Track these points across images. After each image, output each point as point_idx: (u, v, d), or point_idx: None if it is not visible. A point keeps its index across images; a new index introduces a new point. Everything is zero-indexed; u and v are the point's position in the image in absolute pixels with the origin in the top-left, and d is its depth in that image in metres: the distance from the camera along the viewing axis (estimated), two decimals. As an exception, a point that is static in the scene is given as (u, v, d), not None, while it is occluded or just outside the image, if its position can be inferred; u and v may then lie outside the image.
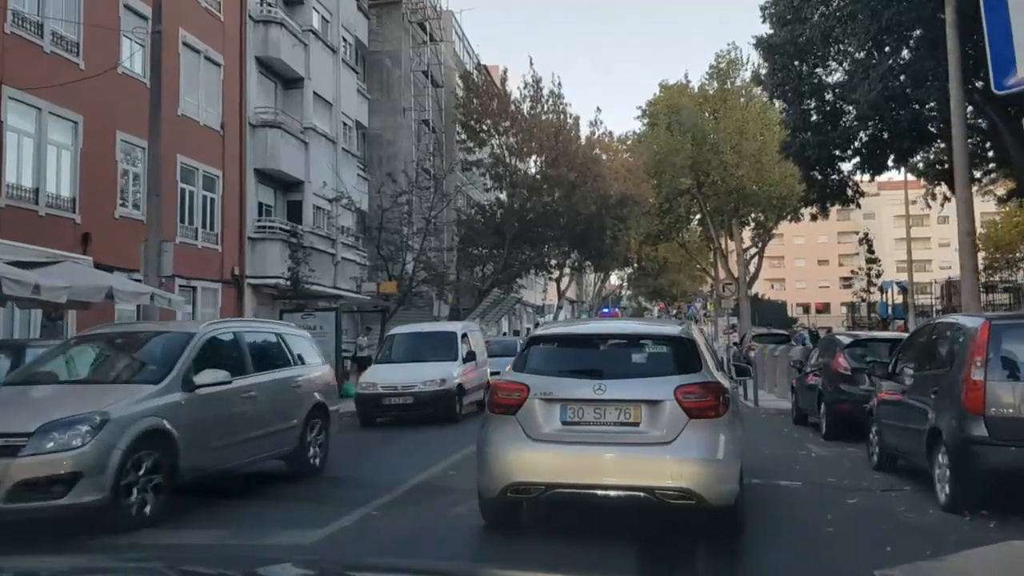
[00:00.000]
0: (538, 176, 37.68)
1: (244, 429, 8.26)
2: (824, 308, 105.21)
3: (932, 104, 19.33)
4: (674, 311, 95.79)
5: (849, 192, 22.90)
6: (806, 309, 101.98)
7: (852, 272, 32.41)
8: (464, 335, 16.92)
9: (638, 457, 6.03)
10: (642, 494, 5.98)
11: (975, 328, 6.90)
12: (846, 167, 22.83)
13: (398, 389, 15.03)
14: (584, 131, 39.45)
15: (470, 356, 16.44)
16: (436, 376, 15.16)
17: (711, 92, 46.19)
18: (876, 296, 41.65)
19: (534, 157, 37.77)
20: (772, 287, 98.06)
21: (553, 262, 42.81)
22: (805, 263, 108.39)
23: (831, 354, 12.23)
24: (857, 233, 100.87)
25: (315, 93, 27.58)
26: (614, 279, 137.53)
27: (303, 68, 26.79)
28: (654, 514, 6.18)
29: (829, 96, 22.12)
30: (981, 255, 52.06)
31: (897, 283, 45.60)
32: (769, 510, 7.41)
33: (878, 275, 31.24)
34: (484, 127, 37.87)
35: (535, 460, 6.13)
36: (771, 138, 44.90)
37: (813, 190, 23.03)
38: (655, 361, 6.54)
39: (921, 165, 27.73)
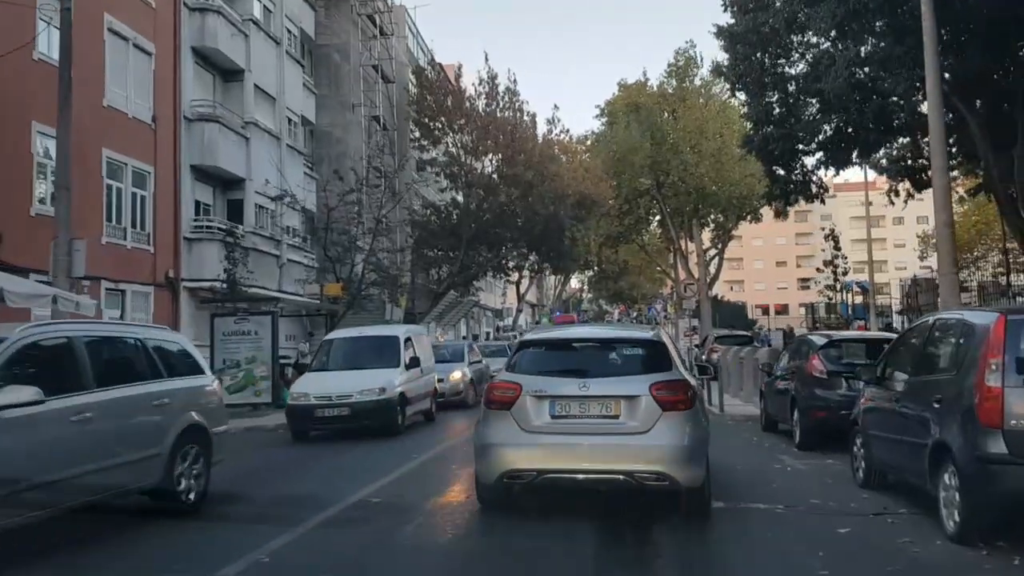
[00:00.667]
0: (494, 175, 36.55)
1: (72, 461, 6.39)
2: (783, 310, 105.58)
3: (899, 94, 18.67)
4: (634, 313, 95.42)
5: (813, 188, 22.13)
6: (765, 311, 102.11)
7: (818, 269, 31.55)
8: (408, 339, 15.57)
9: (619, 445, 6.76)
10: (622, 477, 6.72)
11: (987, 325, 5.87)
12: (809, 162, 22.09)
13: (332, 399, 13.62)
14: (541, 129, 38.35)
15: (414, 362, 14.99)
16: (375, 385, 13.80)
17: (670, 91, 45.50)
18: (840, 295, 41.10)
19: (490, 156, 36.66)
20: (731, 289, 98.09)
21: (511, 264, 41.66)
22: (763, 265, 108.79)
23: (804, 356, 11.17)
24: (823, 230, 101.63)
25: (256, 86, 26.15)
26: (575, 282, 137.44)
27: (243, 59, 25.37)
28: (630, 500, 7.05)
29: (792, 88, 21.34)
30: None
31: (857, 283, 45.23)
32: (746, 544, 6.37)
33: (844, 272, 30.38)
34: (438, 125, 36.68)
35: (528, 449, 6.85)
36: (731, 137, 44.42)
37: (776, 186, 22.25)
38: (631, 362, 7.40)
39: (884, 162, 27.12)
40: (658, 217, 57.90)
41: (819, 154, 22.15)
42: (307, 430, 13.84)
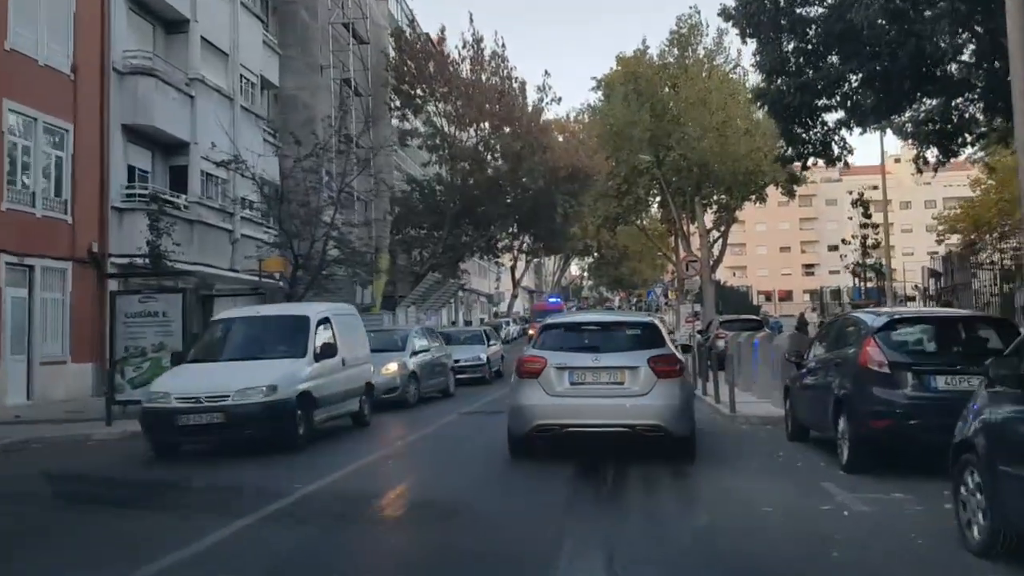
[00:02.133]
0: (480, 146, 33.60)
1: None
2: (786, 296, 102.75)
3: (944, 35, 15.76)
4: (635, 299, 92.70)
5: (835, 149, 19.12)
6: (768, 297, 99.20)
7: (844, 241, 28.32)
8: (324, 321, 12.06)
9: (624, 404, 8.65)
10: (626, 429, 8.75)
11: None
12: (830, 119, 19.08)
13: (201, 401, 10.00)
14: (531, 98, 35.31)
15: (327, 351, 11.57)
16: (261, 381, 10.22)
17: (671, 60, 42.33)
18: (863, 274, 37.98)
19: (475, 126, 33.68)
20: (734, 275, 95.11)
21: (501, 244, 38.71)
22: (767, 250, 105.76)
23: (853, 342, 8.15)
24: (854, 204, 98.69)
25: (204, 39, 23.21)
26: (575, 268, 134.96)
27: (188, 8, 22.44)
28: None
29: (812, 32, 18.33)
30: (956, 238, 49.28)
31: (871, 264, 42.21)
32: None
33: (875, 245, 27.02)
34: (419, 92, 33.74)
35: (553, 408, 8.72)
36: (736, 109, 41.42)
37: (792, 146, 19.23)
38: (633, 340, 9.26)
39: (909, 126, 24.12)
40: (658, 198, 55.19)
41: (840, 113, 19.24)
42: (172, 443, 10.34)
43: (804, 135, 18.85)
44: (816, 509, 6.46)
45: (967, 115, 21.21)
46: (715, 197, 49.01)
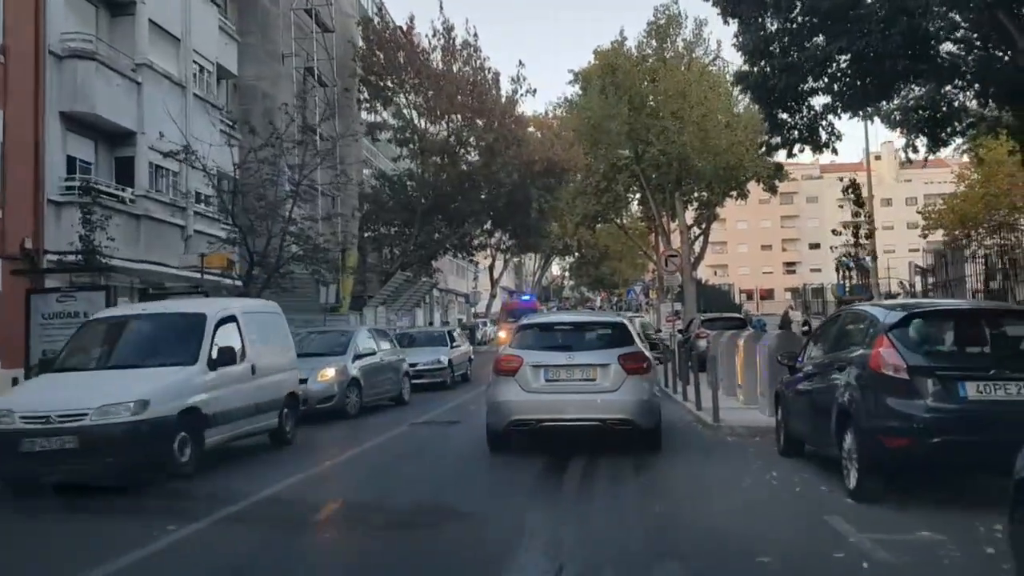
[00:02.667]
0: (451, 139, 32.28)
1: None
2: (768, 295, 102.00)
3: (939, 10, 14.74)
4: (615, 299, 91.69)
5: (822, 135, 17.97)
6: (749, 296, 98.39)
7: (834, 232, 26.82)
8: (226, 320, 10.10)
9: (595, 400, 9.16)
10: (597, 422, 9.27)
11: None
12: (818, 103, 17.95)
13: (52, 421, 8.03)
14: (506, 90, 33.99)
15: (225, 357, 9.53)
16: (129, 396, 8.31)
17: (650, 51, 41.21)
18: (858, 265, 36.89)
19: (447, 118, 32.36)
20: (715, 273, 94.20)
21: (476, 242, 37.38)
22: (748, 248, 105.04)
23: (861, 340, 6.80)
24: (847, 192, 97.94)
25: (153, 22, 21.76)
26: (556, 268, 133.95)
27: (134, -12, 20.97)
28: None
29: (797, 10, 17.18)
30: (940, 233, 48.45)
31: (855, 259, 41.25)
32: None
33: (868, 235, 25.73)
34: (389, 84, 32.39)
35: (529, 404, 9.21)
36: (716, 102, 40.39)
37: (776, 133, 18.07)
38: (604, 339, 9.88)
39: (897, 115, 23.08)
40: (638, 195, 54.09)
41: (827, 97, 18.11)
42: (18, 474, 8.39)
43: (789, 120, 17.71)
44: (827, 557, 5.07)
45: (956, 103, 20.21)
46: (696, 194, 48.02)
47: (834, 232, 22.51)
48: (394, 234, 33.91)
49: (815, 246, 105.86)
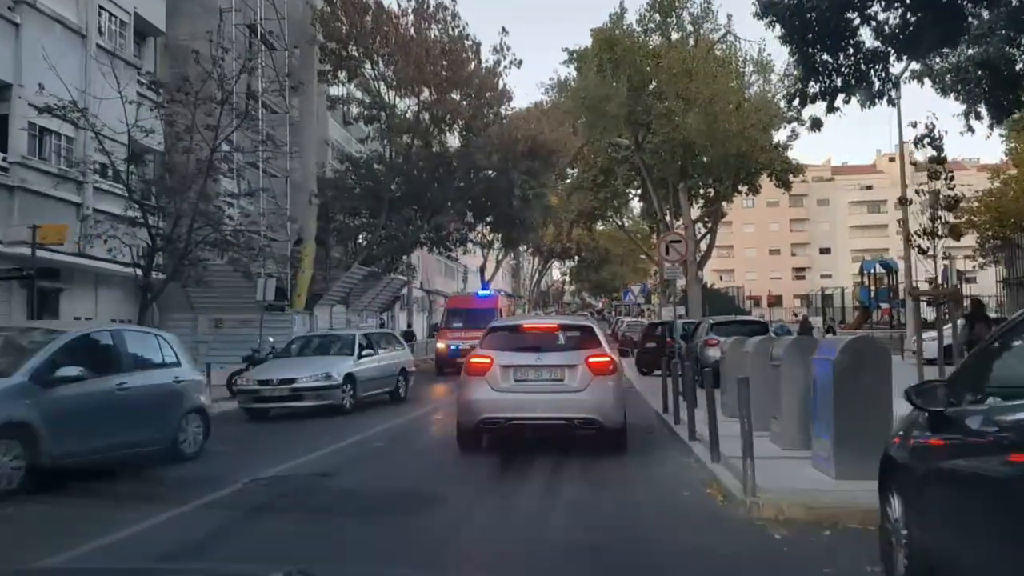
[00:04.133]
0: (423, 115, 28.18)
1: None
2: (776, 301, 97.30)
3: None
4: (615, 304, 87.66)
5: (875, 82, 13.79)
6: (756, 302, 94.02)
7: (902, 200, 21.50)
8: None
9: (563, 399, 9.34)
10: (564, 422, 9.41)
11: None
12: (868, 42, 13.80)
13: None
14: (487, 63, 29.76)
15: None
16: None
17: (652, 26, 37.00)
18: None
19: (416, 90, 28.24)
20: (720, 278, 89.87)
21: (456, 236, 33.21)
22: (755, 253, 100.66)
23: None
24: (921, 144, 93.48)
25: (38, -49, 17.68)
26: (556, 273, 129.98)
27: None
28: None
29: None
30: (973, 236, 44.19)
31: (880, 262, 37.06)
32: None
33: (954, 203, 19.49)
34: (354, 53, 28.30)
35: (498, 403, 9.36)
36: (726, 80, 36.21)
37: (813, 79, 13.88)
38: (572, 341, 10.02)
39: (949, 78, 18.90)
40: (639, 191, 49.91)
41: (877, 42, 13.98)
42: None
43: (831, 61, 13.54)
44: None
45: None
46: (701, 190, 43.86)
47: (901, 202, 17.90)
48: (360, 225, 29.79)
49: (826, 251, 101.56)
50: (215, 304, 22.90)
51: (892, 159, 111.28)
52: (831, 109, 13.67)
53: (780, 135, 40.11)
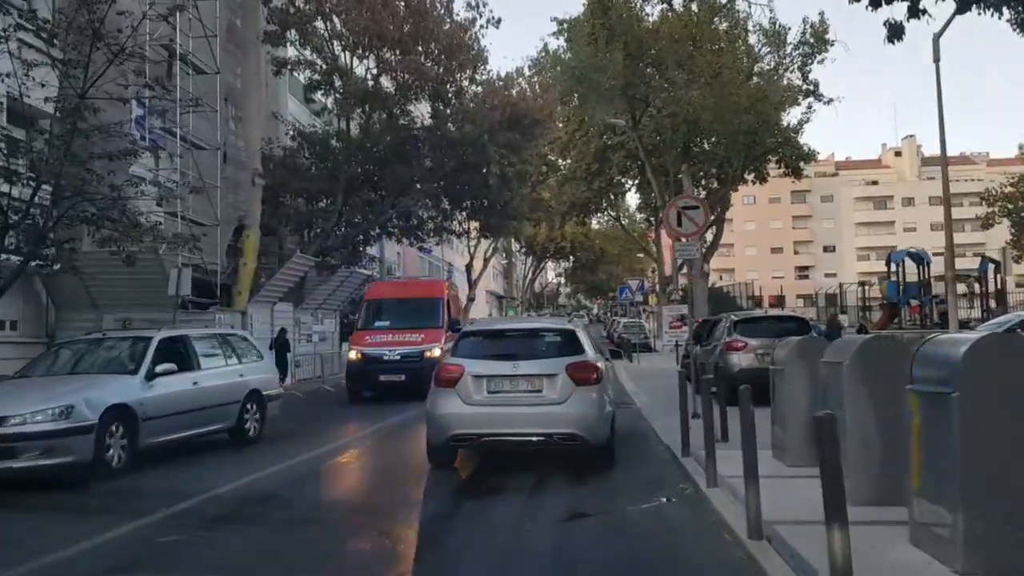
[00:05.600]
0: (382, 78, 24.06)
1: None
2: (778, 301, 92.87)
3: None
4: (611, 305, 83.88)
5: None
6: (758, 302, 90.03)
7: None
8: None
9: (541, 413, 8.42)
10: (543, 438, 8.43)
11: None
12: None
13: None
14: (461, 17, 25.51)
15: None
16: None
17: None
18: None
19: (375, 51, 24.09)
20: (720, 278, 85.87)
21: (428, 225, 29.02)
22: (756, 251, 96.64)
23: None
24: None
25: None
26: (551, 275, 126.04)
27: None
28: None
29: None
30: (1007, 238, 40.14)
31: (909, 252, 32.93)
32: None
33: None
34: (303, 8, 24.20)
35: (470, 418, 8.49)
36: (733, 49, 32.24)
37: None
38: (551, 347, 9.06)
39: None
40: (636, 181, 45.88)
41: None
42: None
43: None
44: None
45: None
46: (704, 178, 39.86)
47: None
48: (316, 210, 25.63)
49: (830, 249, 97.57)
50: (122, 301, 18.77)
51: (898, 153, 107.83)
52: (916, 13, 9.47)
53: (791, 116, 36.34)
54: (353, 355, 18.11)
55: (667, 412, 13.14)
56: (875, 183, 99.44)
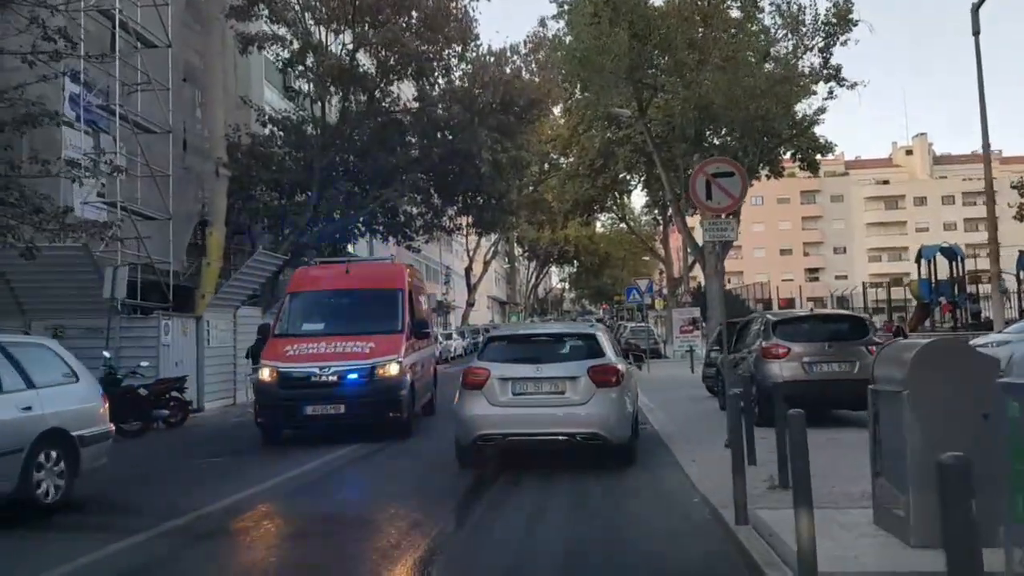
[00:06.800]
0: (359, 53, 21.52)
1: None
2: (788, 304, 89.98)
3: None
4: (616, 309, 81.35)
5: None
6: (767, 305, 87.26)
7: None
8: None
9: (564, 414, 8.74)
10: (566, 437, 8.79)
11: None
12: None
13: None
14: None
15: None
16: None
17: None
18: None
19: (357, 26, 21.55)
20: (728, 281, 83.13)
21: (419, 221, 26.42)
22: (765, 253, 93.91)
23: None
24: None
25: None
26: (555, 279, 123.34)
27: None
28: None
29: None
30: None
31: (942, 248, 30.22)
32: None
33: None
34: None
35: (496, 419, 8.81)
36: (749, 29, 29.58)
37: None
38: (574, 350, 9.43)
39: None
40: (643, 178, 43.28)
41: None
42: None
43: None
44: None
45: None
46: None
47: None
48: (290, 205, 23.09)
49: (840, 250, 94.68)
50: (53, 306, 16.20)
51: (909, 152, 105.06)
52: None
53: (809, 105, 33.65)
54: (265, 374, 12.18)
55: (693, 436, 10.56)
56: (886, 182, 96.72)
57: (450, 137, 21.60)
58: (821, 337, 10.83)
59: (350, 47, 21.65)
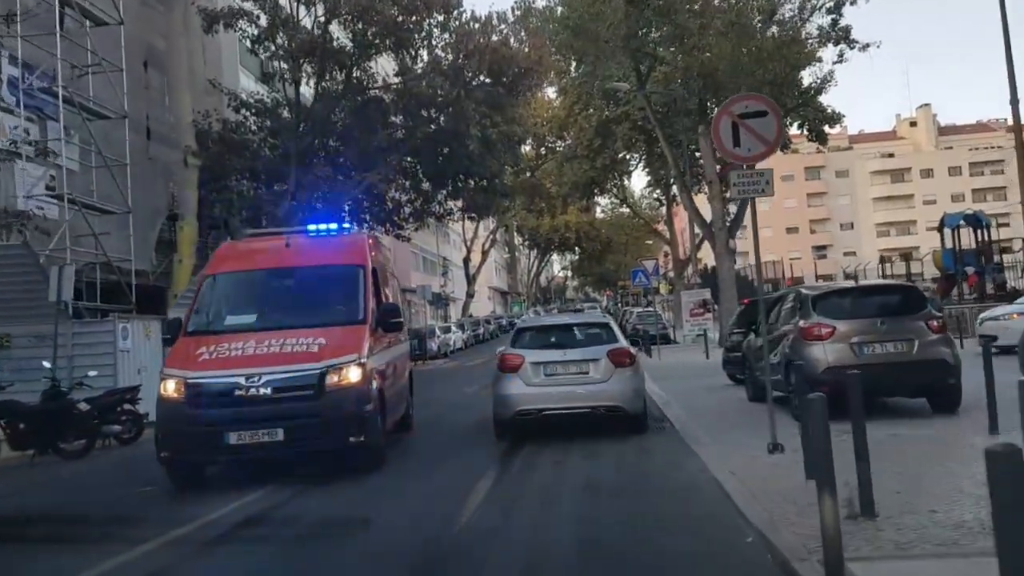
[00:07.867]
0: (328, 25, 19.80)
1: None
2: (796, 283, 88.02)
3: None
4: (621, 294, 79.79)
5: None
6: (775, 285, 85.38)
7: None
8: None
9: (589, 390, 10.09)
10: (591, 410, 10.15)
11: None
12: None
13: None
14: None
15: None
16: None
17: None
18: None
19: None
20: (735, 261, 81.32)
21: (408, 208, 24.71)
22: (772, 232, 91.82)
23: None
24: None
25: None
26: (557, 267, 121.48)
27: None
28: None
29: None
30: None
31: (966, 215, 28.40)
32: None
33: None
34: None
35: (532, 396, 10.10)
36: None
37: None
38: (593, 337, 10.88)
39: None
40: (643, 154, 41.47)
41: None
42: None
43: None
44: None
45: None
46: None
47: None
48: (264, 194, 21.41)
49: (847, 226, 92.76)
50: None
51: (913, 123, 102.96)
52: None
53: (815, 72, 31.81)
54: (171, 388, 8.54)
55: (722, 436, 8.88)
56: (891, 155, 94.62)
57: (436, 115, 19.86)
58: (870, 312, 9.13)
59: (322, 20, 19.92)
